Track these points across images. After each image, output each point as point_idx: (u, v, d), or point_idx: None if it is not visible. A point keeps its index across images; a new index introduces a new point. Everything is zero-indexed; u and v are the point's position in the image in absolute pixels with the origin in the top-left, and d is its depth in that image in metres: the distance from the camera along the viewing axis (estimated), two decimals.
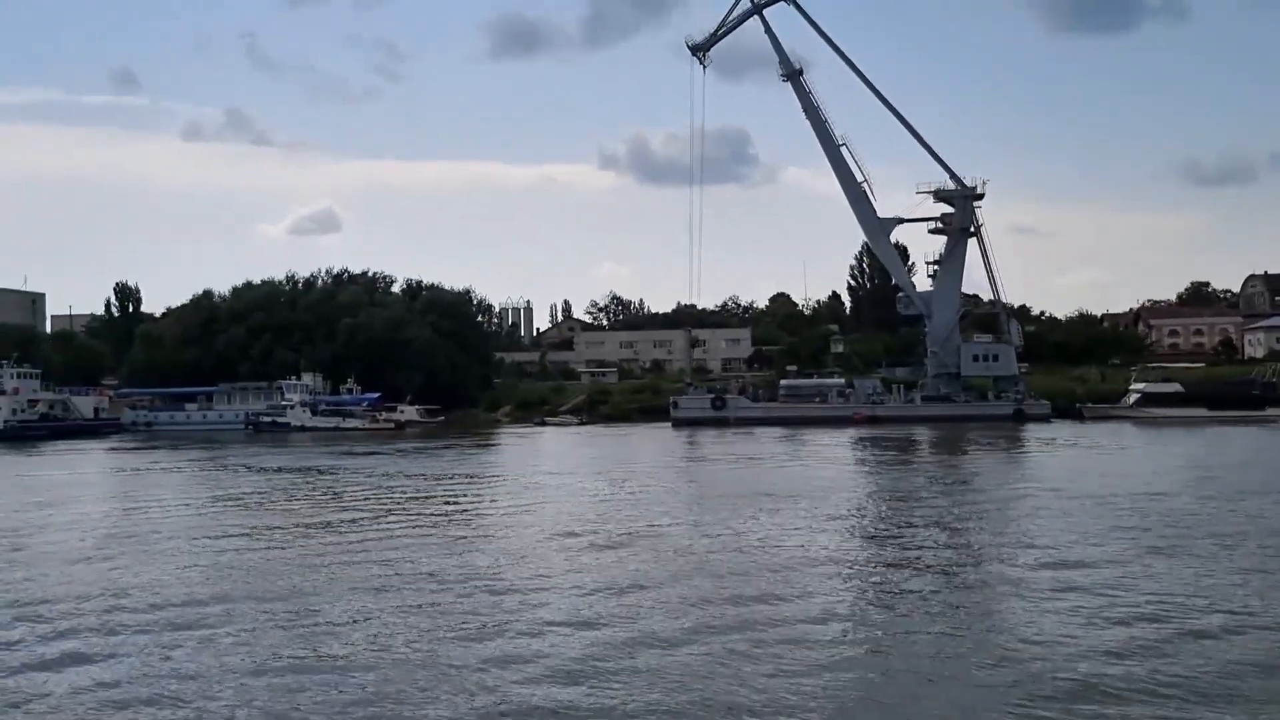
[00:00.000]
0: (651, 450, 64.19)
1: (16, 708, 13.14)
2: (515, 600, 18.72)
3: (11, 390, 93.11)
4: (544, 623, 16.94)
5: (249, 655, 15.30)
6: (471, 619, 17.36)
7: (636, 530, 27.28)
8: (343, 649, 15.61)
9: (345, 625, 17.02)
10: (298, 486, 42.16)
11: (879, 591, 19.62)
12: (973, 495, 35.09)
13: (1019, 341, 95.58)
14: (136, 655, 15.44)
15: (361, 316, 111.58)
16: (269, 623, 17.26)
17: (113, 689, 13.86)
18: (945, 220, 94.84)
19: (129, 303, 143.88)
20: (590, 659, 14.78)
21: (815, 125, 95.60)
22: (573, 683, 13.78)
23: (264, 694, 13.52)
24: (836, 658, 14.86)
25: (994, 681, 13.68)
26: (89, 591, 20.01)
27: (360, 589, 19.81)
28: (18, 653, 15.67)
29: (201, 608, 18.47)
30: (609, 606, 18.06)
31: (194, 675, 14.34)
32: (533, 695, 13.28)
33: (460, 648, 15.49)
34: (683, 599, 18.56)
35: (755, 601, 18.33)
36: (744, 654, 14.93)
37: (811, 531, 26.95)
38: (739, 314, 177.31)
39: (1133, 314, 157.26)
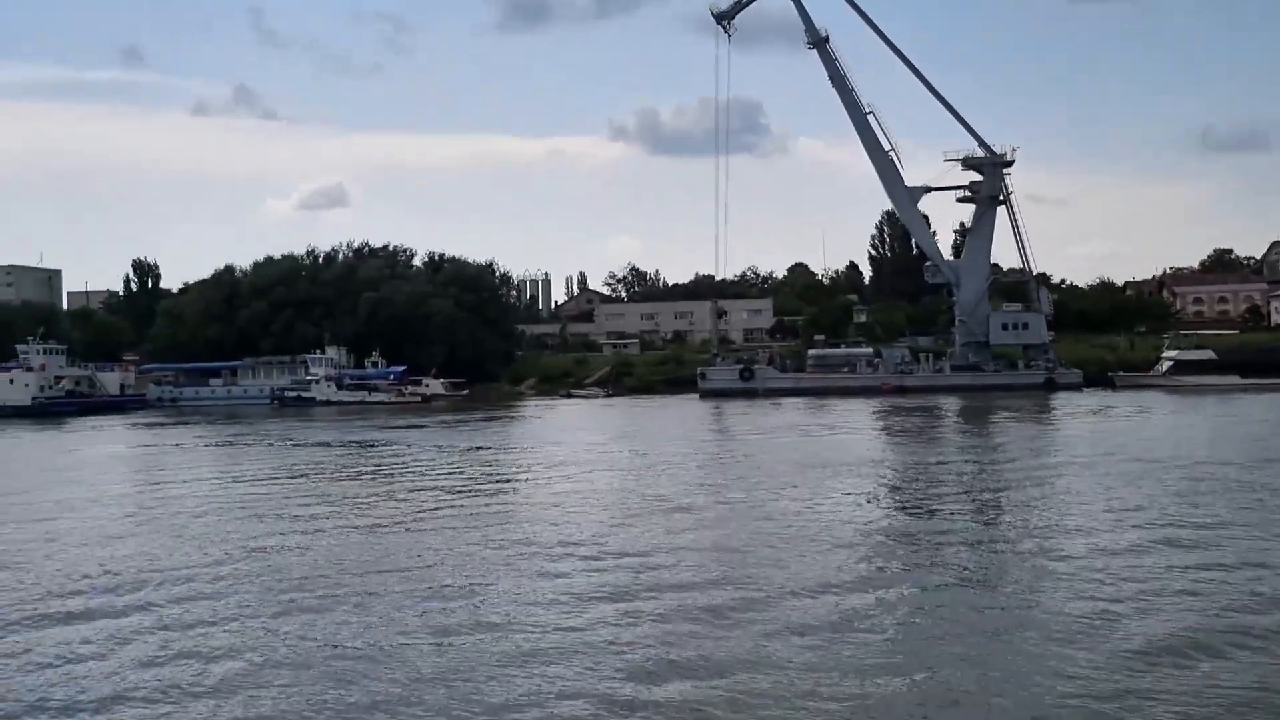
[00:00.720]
0: (685, 421, 63.66)
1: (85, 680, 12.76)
2: (645, 570, 18.32)
3: (39, 366, 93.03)
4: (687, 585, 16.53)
5: (360, 630, 14.92)
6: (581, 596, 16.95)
7: (700, 501, 26.84)
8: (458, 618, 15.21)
9: (460, 597, 16.63)
10: (365, 462, 41.70)
11: (934, 562, 19.12)
12: (1026, 465, 34.43)
13: (1049, 310, 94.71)
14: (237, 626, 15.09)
15: (383, 290, 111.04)
16: (398, 597, 16.85)
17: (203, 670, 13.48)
18: (974, 188, 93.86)
19: (147, 279, 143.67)
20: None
21: (841, 93, 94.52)
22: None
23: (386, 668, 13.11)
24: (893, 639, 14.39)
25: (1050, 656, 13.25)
26: (187, 571, 19.65)
27: (473, 555, 19.45)
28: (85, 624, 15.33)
29: (266, 580, 18.11)
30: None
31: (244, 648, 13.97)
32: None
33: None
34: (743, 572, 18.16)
35: (817, 581, 17.86)
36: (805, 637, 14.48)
37: (865, 506, 26.50)
38: (759, 284, 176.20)
39: (1156, 281, 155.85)
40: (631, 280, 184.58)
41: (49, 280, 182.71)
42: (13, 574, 19.67)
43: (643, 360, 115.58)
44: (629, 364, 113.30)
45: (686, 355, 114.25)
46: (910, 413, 65.15)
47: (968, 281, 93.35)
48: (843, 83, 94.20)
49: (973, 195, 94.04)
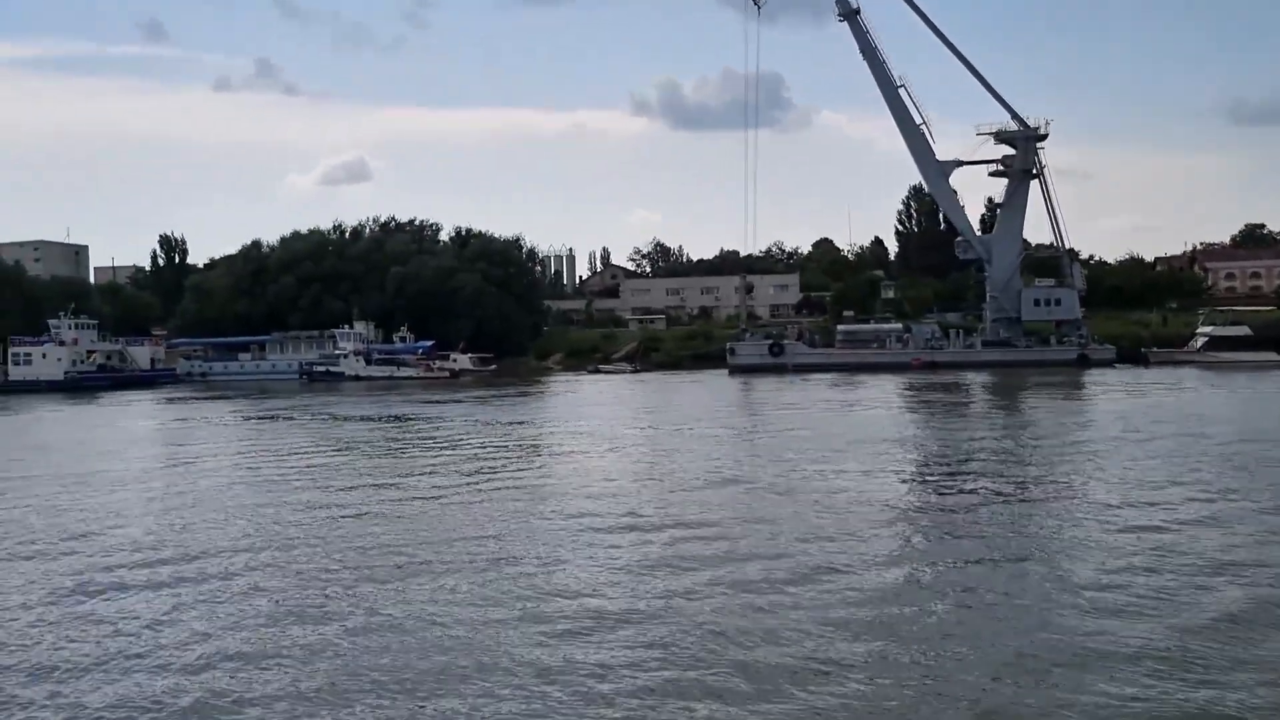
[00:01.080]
0: (716, 397, 63.34)
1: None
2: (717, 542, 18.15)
3: (71, 341, 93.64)
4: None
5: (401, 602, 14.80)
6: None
7: (750, 475, 26.61)
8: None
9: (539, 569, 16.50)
10: (413, 437, 41.58)
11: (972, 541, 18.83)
12: (1067, 441, 33.78)
13: (1082, 285, 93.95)
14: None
15: (411, 265, 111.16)
16: (467, 575, 16.73)
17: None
18: (1006, 162, 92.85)
19: (174, 254, 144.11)
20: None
21: (872, 66, 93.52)
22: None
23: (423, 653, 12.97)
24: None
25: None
26: (245, 548, 19.60)
27: (533, 528, 19.31)
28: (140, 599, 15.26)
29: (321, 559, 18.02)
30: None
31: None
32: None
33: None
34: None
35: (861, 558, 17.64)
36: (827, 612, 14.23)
37: (911, 483, 26.19)
38: (784, 260, 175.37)
39: (1187, 257, 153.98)
40: (656, 255, 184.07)
41: (76, 255, 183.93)
42: (90, 542, 19.75)
43: (670, 335, 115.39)
44: (656, 339, 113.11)
45: (714, 331, 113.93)
46: (943, 389, 64.70)
47: (999, 257, 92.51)
48: (874, 55, 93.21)
49: (1005, 169, 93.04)
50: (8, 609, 15.15)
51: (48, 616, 14.76)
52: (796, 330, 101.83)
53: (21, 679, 12.16)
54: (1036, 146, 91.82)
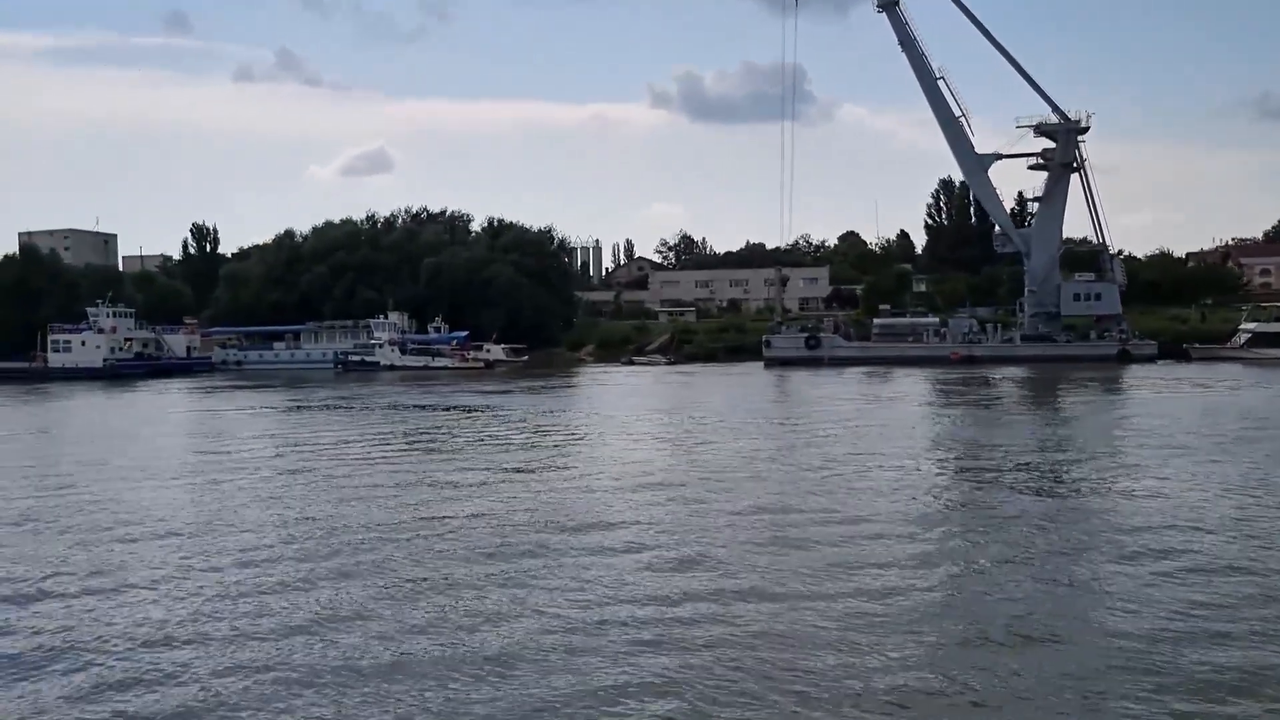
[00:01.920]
0: (759, 390, 62.88)
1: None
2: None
3: (110, 329, 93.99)
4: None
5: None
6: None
7: (805, 475, 26.42)
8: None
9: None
10: (479, 429, 41.43)
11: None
12: (1122, 437, 33.20)
13: (1122, 280, 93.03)
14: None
15: (444, 255, 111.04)
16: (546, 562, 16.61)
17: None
18: (1046, 156, 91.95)
19: (206, 243, 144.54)
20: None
21: (911, 57, 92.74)
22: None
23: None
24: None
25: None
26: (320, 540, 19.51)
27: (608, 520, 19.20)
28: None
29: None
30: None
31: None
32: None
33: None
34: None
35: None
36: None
37: (974, 483, 25.88)
38: (811, 253, 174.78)
39: (1221, 252, 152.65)
40: (683, 247, 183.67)
41: (105, 244, 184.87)
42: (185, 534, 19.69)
43: (703, 328, 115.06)
44: (689, 331, 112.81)
45: (746, 323, 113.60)
46: (987, 383, 64.17)
47: (1038, 251, 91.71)
48: (913, 46, 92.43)
49: (1045, 163, 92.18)
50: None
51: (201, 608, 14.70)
52: (832, 323, 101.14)
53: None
54: (1078, 139, 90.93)
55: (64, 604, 14.72)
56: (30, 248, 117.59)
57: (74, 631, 13.43)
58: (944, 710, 10.75)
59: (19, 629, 13.61)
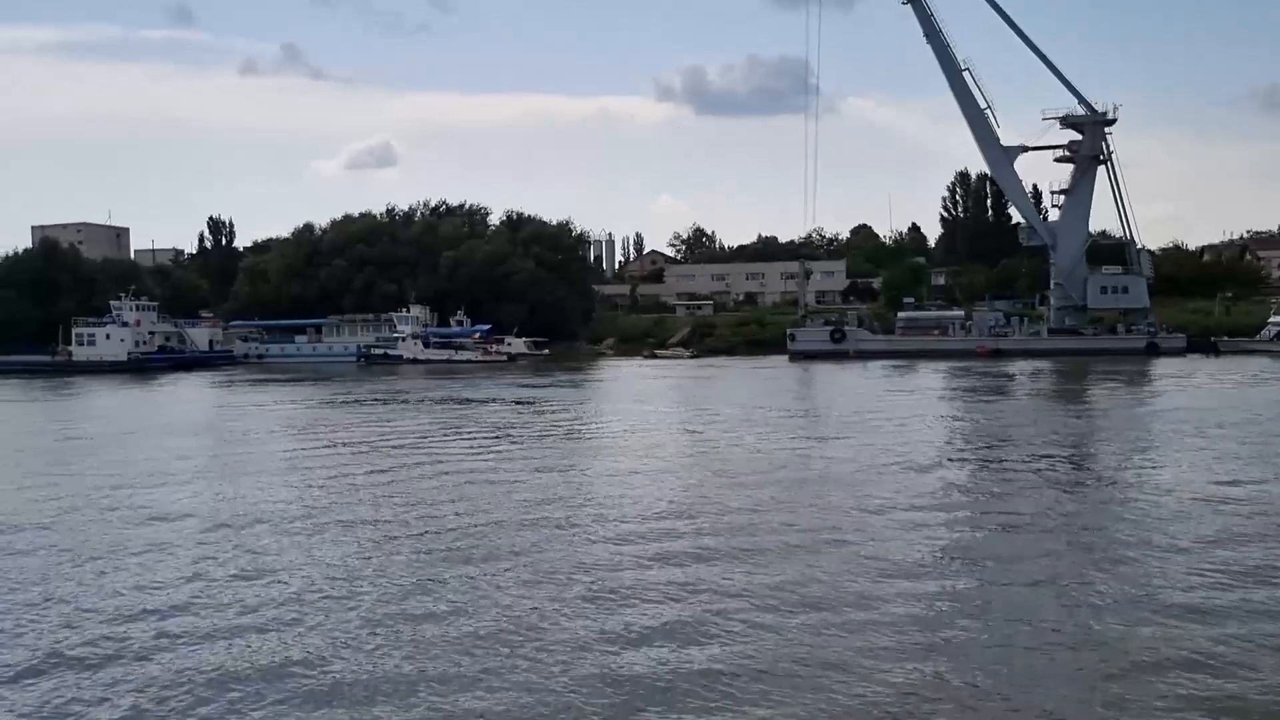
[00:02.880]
0: (790, 384, 62.34)
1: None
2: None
3: (134, 322, 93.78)
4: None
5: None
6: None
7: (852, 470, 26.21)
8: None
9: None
10: (541, 423, 41.22)
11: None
12: (1168, 433, 32.57)
13: (1149, 273, 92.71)
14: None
15: (464, 249, 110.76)
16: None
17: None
18: (1073, 148, 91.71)
19: (222, 236, 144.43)
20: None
21: (937, 50, 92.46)
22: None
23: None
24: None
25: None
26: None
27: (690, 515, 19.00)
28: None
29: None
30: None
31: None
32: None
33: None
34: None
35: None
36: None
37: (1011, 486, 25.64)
38: (824, 246, 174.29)
39: (1239, 245, 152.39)
40: (694, 241, 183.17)
41: (118, 237, 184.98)
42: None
43: (723, 321, 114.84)
44: (709, 325, 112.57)
45: (766, 317, 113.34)
46: (1021, 377, 63.90)
47: (1065, 243, 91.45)
48: (938, 38, 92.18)
49: (1071, 155, 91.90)
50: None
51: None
52: (856, 316, 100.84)
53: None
54: (1105, 132, 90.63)
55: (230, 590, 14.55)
56: (49, 242, 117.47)
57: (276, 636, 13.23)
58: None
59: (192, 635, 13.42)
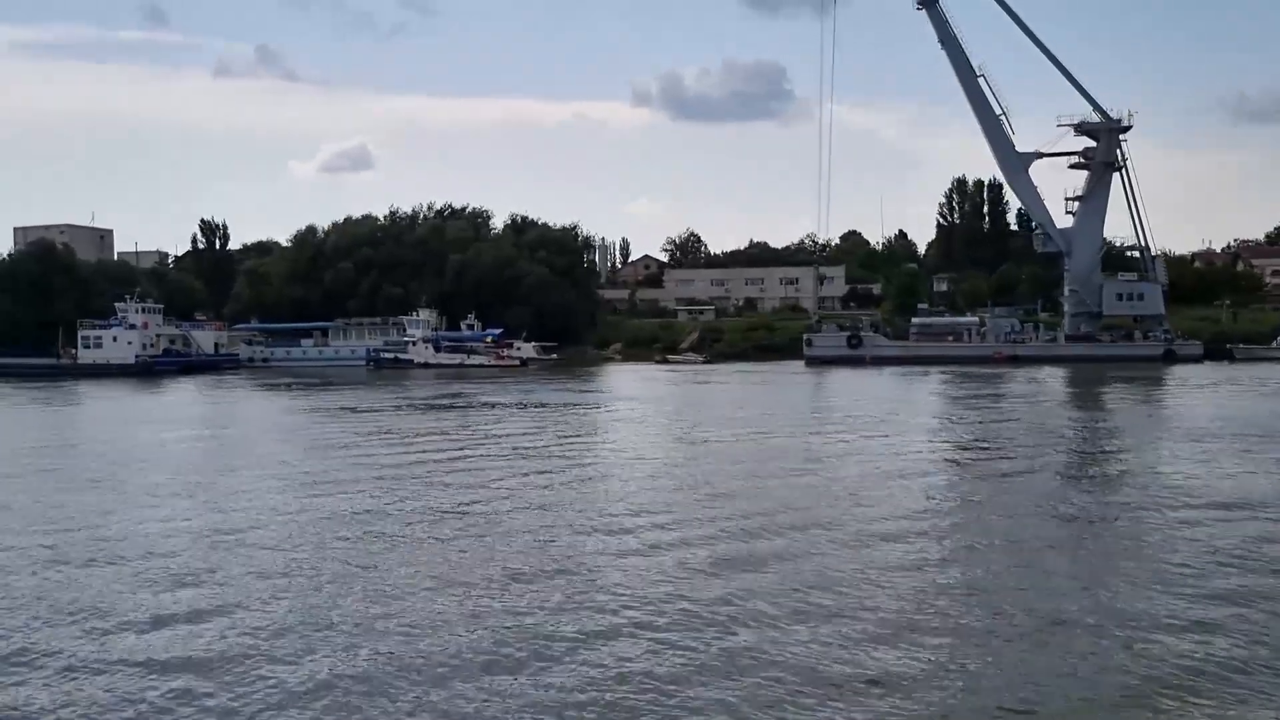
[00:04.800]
0: (818, 391, 61.09)
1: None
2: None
3: (141, 324, 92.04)
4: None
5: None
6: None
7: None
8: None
9: None
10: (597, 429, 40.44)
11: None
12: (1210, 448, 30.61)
13: (1165, 280, 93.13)
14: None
15: (471, 252, 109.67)
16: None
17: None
18: (1088, 155, 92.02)
19: (214, 238, 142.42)
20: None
21: (952, 55, 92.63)
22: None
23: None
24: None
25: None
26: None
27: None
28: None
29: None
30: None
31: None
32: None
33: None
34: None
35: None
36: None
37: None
38: (817, 252, 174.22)
39: (1231, 253, 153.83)
40: (688, 246, 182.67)
41: (101, 239, 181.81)
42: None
43: (732, 326, 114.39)
44: (718, 330, 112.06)
45: (774, 322, 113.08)
46: (1047, 383, 63.77)
47: (1080, 250, 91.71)
48: (954, 43, 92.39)
49: (1086, 162, 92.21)
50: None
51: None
52: (869, 322, 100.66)
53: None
54: (1119, 139, 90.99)
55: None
56: (45, 243, 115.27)
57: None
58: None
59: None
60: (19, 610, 13.83)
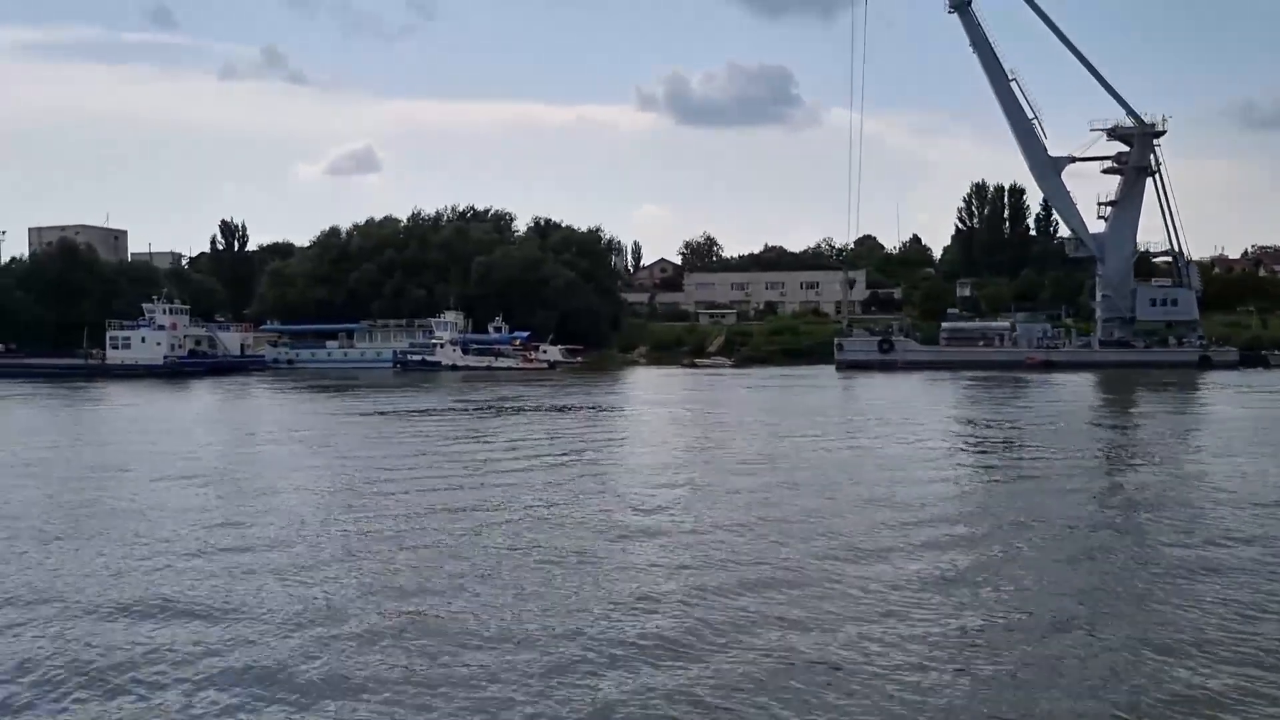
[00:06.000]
0: (861, 397, 59.80)
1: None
2: None
3: (169, 325, 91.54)
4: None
5: None
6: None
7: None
8: None
9: None
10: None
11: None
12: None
13: (1198, 286, 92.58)
14: None
15: (497, 254, 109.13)
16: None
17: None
18: (1120, 159, 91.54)
19: (233, 240, 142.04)
20: None
21: (984, 59, 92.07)
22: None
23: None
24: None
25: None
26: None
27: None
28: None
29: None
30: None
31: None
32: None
33: None
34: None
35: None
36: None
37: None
38: (833, 256, 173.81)
39: (1252, 259, 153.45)
40: (703, 250, 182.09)
41: (115, 240, 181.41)
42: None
43: (758, 330, 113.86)
44: (744, 333, 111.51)
45: (801, 326, 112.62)
46: (1087, 389, 63.10)
47: (1113, 255, 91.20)
48: (986, 47, 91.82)
49: (1119, 166, 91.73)
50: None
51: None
52: (898, 326, 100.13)
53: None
54: (1153, 143, 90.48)
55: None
56: (67, 243, 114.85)
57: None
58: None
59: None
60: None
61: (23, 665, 11.61)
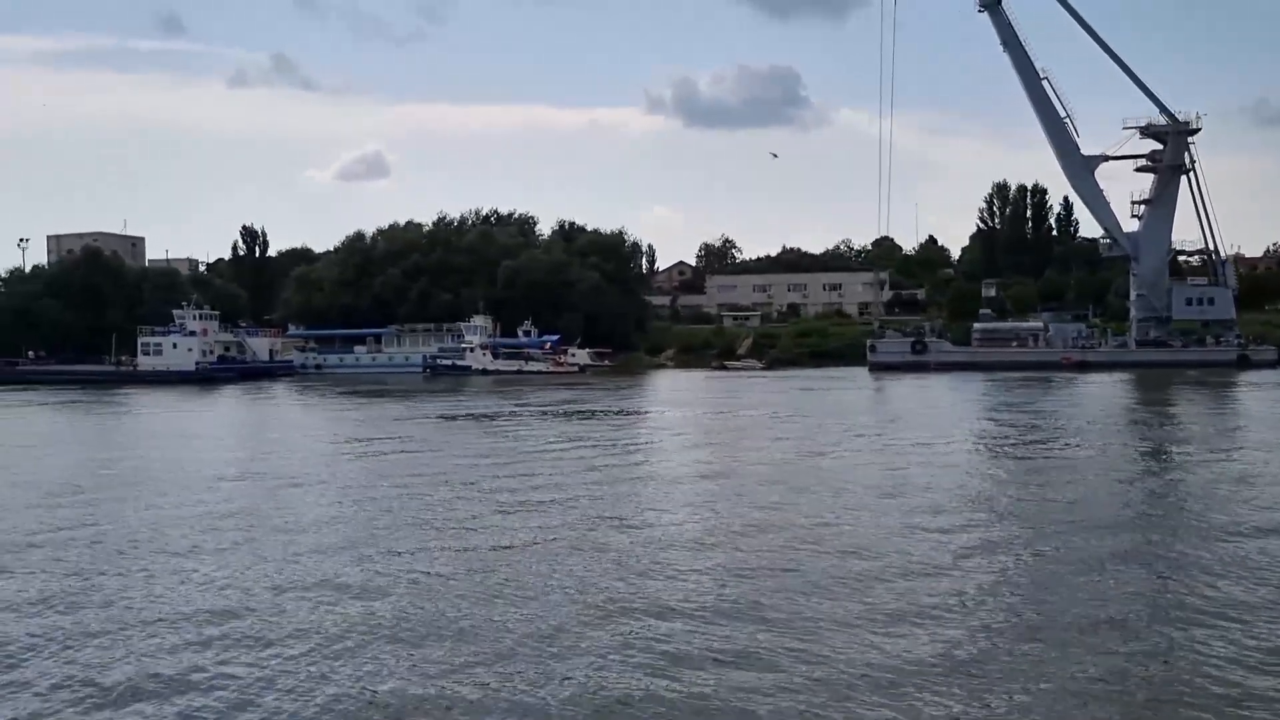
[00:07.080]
0: (901, 401, 58.95)
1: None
2: None
3: (200, 331, 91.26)
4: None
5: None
6: None
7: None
8: None
9: None
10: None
11: None
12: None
13: (1235, 285, 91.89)
14: None
15: (523, 258, 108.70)
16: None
17: None
18: (1154, 158, 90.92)
19: (254, 246, 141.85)
20: None
21: (1015, 58, 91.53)
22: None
23: None
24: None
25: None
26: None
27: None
28: None
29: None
30: None
31: None
32: None
33: None
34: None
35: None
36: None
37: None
38: (853, 257, 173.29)
39: (1273, 257, 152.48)
40: (721, 252, 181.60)
41: (133, 247, 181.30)
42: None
43: (785, 332, 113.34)
44: (772, 336, 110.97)
45: (828, 328, 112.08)
46: (1130, 389, 62.48)
47: (1148, 254, 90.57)
48: (1017, 46, 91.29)
49: (1153, 165, 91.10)
50: None
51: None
52: (930, 327, 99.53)
53: None
54: (1188, 141, 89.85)
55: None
56: (92, 250, 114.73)
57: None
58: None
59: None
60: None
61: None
